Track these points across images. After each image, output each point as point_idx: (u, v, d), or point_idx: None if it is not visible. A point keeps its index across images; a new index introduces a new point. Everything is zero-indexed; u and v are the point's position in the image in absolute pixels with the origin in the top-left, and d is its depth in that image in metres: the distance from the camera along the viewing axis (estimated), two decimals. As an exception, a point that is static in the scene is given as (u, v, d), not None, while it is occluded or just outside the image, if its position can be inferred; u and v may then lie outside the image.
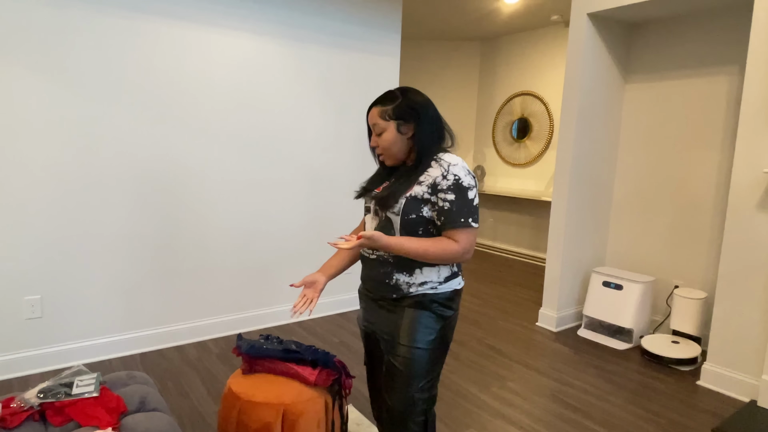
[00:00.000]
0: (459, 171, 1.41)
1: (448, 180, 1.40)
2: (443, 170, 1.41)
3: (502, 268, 5.40)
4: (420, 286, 1.46)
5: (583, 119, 3.44)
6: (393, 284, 1.48)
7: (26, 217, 2.55)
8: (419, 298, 1.46)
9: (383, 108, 1.47)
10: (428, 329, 1.46)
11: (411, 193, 1.42)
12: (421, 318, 1.46)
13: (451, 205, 1.39)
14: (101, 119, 2.70)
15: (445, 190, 1.39)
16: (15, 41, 2.42)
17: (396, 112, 1.46)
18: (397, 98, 1.47)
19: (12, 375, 2.60)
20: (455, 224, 1.39)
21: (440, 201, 1.40)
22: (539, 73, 5.60)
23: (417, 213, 1.43)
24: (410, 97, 1.47)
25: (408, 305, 1.47)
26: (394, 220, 1.45)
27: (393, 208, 1.44)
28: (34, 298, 2.61)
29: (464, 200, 1.40)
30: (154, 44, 2.81)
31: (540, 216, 5.69)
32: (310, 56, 3.40)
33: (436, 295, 1.47)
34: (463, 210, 1.40)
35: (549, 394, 2.66)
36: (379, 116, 1.47)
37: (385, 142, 1.48)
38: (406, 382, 1.46)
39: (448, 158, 1.43)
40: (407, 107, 1.46)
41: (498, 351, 3.18)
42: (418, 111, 1.46)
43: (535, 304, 4.16)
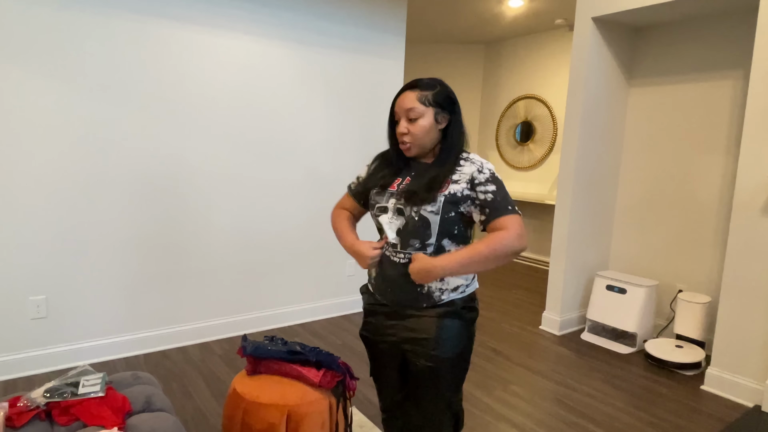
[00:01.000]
0: (491, 166, 1.40)
1: (484, 173, 1.36)
2: (478, 166, 1.38)
3: (504, 272, 5.40)
4: (453, 291, 1.41)
5: (587, 123, 3.44)
6: (425, 292, 1.40)
7: (32, 217, 2.56)
8: (449, 306, 1.41)
9: (423, 93, 1.39)
10: (460, 337, 1.42)
11: (450, 191, 1.36)
12: (453, 327, 1.41)
13: (495, 195, 1.35)
14: (107, 121, 2.71)
15: (485, 183, 1.35)
16: (24, 43, 2.44)
17: (436, 99, 1.39)
18: (436, 86, 1.41)
19: (17, 375, 2.61)
20: (504, 211, 1.34)
21: (481, 194, 1.35)
22: (543, 77, 5.60)
23: (456, 211, 1.37)
24: (447, 87, 1.44)
25: (438, 315, 1.40)
26: (433, 220, 1.36)
27: (429, 205, 1.36)
28: (39, 298, 2.62)
29: (504, 190, 1.37)
30: (160, 47, 2.82)
31: (543, 219, 5.68)
32: (314, 59, 3.42)
33: (463, 298, 1.43)
34: (507, 199, 1.36)
35: (552, 397, 2.65)
36: (418, 100, 1.38)
37: (420, 130, 1.39)
38: (439, 389, 1.43)
39: (476, 157, 1.42)
40: (446, 96, 1.41)
41: (501, 354, 3.18)
42: (455, 102, 1.43)
43: (538, 308, 4.15)
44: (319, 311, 3.70)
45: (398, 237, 1.41)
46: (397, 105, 1.42)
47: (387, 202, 1.44)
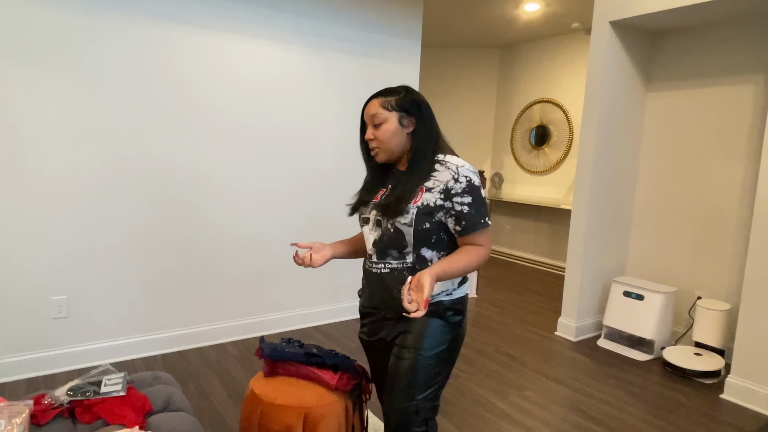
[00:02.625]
0: (468, 172, 1.37)
1: (460, 183, 1.35)
2: (453, 173, 1.36)
3: (519, 276, 5.37)
4: (438, 294, 1.43)
5: (604, 127, 3.41)
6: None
7: (54, 219, 2.62)
8: (433, 306, 1.42)
9: (386, 99, 1.42)
10: (438, 337, 1.42)
11: (423, 202, 1.37)
12: (433, 325, 1.42)
13: (470, 208, 1.35)
14: (126, 124, 2.76)
15: (461, 194, 1.35)
16: (46, 49, 2.50)
17: (399, 104, 1.41)
18: (400, 91, 1.44)
19: (39, 373, 2.66)
20: (476, 227, 1.36)
21: (457, 206, 1.36)
22: (559, 81, 5.58)
23: (430, 222, 1.38)
24: (413, 93, 1.45)
25: (426, 315, 1.43)
26: (406, 232, 1.39)
27: (402, 218, 1.38)
28: (60, 298, 2.67)
29: (480, 201, 1.37)
30: (179, 52, 2.87)
31: (558, 224, 5.64)
32: (330, 64, 3.44)
33: (449, 300, 1.44)
34: (480, 211, 1.37)
35: (568, 404, 2.63)
36: (381, 106, 1.42)
37: (385, 134, 1.42)
38: (409, 388, 1.41)
39: (454, 160, 1.39)
40: (411, 100, 1.42)
41: (516, 360, 3.16)
42: (420, 106, 1.43)
43: (553, 313, 4.12)
44: (334, 314, 3.72)
45: (374, 248, 1.47)
46: (365, 113, 1.47)
47: (369, 213, 1.49)
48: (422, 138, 1.42)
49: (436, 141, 1.44)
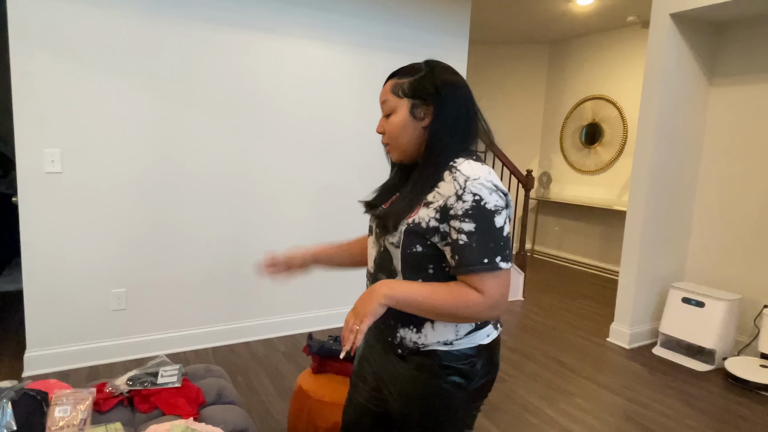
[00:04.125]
0: (480, 188, 0.99)
1: (464, 201, 0.98)
2: (458, 187, 1.00)
3: (567, 280, 5.20)
4: (430, 345, 1.08)
5: (663, 125, 3.25)
6: (397, 342, 1.11)
7: (116, 216, 2.74)
8: (426, 357, 1.08)
9: (398, 81, 1.10)
10: (442, 405, 1.08)
11: (415, 219, 1.04)
12: (431, 389, 1.07)
13: (470, 238, 0.98)
14: (183, 125, 2.86)
15: (461, 217, 0.98)
16: (107, 53, 2.62)
17: (413, 88, 1.08)
18: (419, 71, 1.09)
19: (100, 362, 2.80)
20: (475, 267, 0.97)
21: (453, 232, 1.00)
22: (612, 77, 5.37)
23: (423, 245, 1.04)
24: (437, 73, 1.08)
25: (414, 367, 1.09)
26: (394, 254, 1.08)
27: (391, 236, 1.08)
28: (120, 291, 2.80)
29: (489, 231, 0.98)
30: (233, 54, 2.94)
31: (611, 225, 5.44)
32: (378, 64, 3.44)
33: (448, 355, 1.07)
34: (487, 245, 0.97)
35: (622, 413, 2.53)
36: (391, 91, 1.10)
37: (393, 127, 1.10)
38: None
39: (467, 169, 1.02)
40: (429, 84, 1.07)
41: (566, 366, 3.07)
42: (441, 91, 1.06)
43: (605, 319, 3.97)
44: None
45: (373, 265, 1.16)
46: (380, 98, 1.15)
47: (373, 222, 1.18)
48: (436, 134, 1.06)
49: (461, 137, 1.08)
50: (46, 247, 2.60)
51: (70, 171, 2.60)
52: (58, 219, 2.61)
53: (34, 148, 2.52)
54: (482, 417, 2.43)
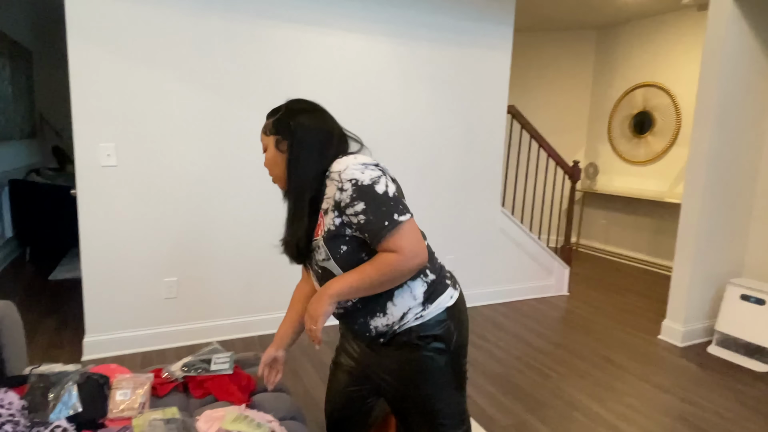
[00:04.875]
0: (352, 173, 1.13)
1: (346, 191, 1.13)
2: (337, 183, 1.14)
3: (614, 274, 5.04)
4: (401, 320, 1.22)
5: (721, 112, 3.08)
6: (374, 335, 1.25)
7: (166, 207, 2.83)
8: (405, 336, 1.22)
9: (267, 122, 1.27)
10: (433, 372, 1.22)
11: (324, 229, 1.18)
12: (419, 361, 1.22)
13: (366, 214, 1.11)
14: (230, 118, 2.92)
15: (350, 203, 1.12)
16: (160, 48, 2.70)
17: (275, 126, 1.24)
18: (279, 111, 1.26)
19: (152, 348, 2.91)
20: (383, 234, 1.11)
21: (353, 218, 1.13)
22: (665, 63, 5.13)
23: (345, 242, 1.17)
24: (291, 107, 1.25)
25: (396, 347, 1.24)
26: (331, 267, 1.21)
27: (317, 254, 1.22)
28: (171, 280, 2.90)
29: (376, 200, 1.11)
30: (277, 48, 2.98)
31: (661, 218, 5.22)
32: (420, 54, 3.41)
33: (423, 326, 1.21)
34: (380, 211, 1.11)
35: (675, 414, 2.43)
36: (263, 131, 1.27)
37: (267, 161, 1.26)
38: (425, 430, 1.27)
39: (337, 167, 1.17)
40: (284, 118, 1.23)
41: (614, 363, 2.98)
42: (291, 123, 1.22)
43: (655, 315, 3.83)
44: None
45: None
46: None
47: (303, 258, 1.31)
48: (291, 160, 1.21)
49: (320, 158, 1.21)
50: (103, 237, 2.72)
51: (124, 164, 2.71)
52: (114, 211, 2.72)
53: (91, 143, 2.63)
54: (529, 414, 2.39)
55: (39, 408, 1.37)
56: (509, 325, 3.54)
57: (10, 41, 4.84)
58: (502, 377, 2.75)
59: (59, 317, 3.31)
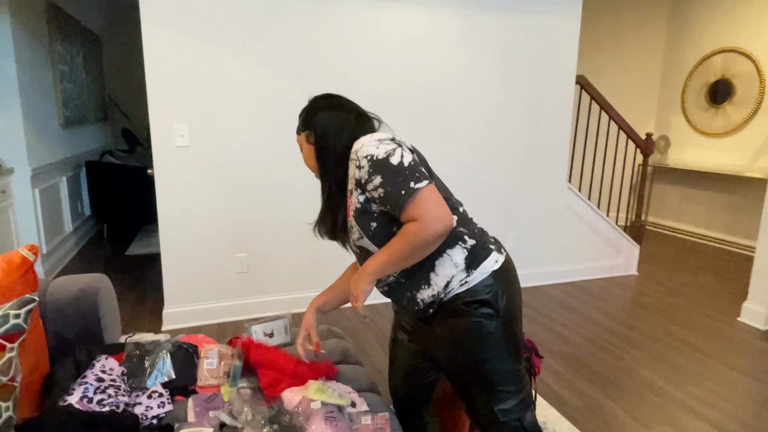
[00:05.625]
0: (367, 149, 1.17)
1: (363, 167, 1.17)
2: (355, 162, 1.20)
3: (688, 253, 4.78)
4: (446, 288, 1.23)
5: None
6: (422, 307, 1.27)
7: (236, 185, 2.92)
8: (452, 304, 1.23)
9: (298, 124, 1.36)
10: (484, 337, 1.22)
11: (354, 208, 1.23)
12: (468, 327, 1.22)
13: (384, 186, 1.14)
14: (296, 100, 2.95)
15: (369, 178, 1.16)
16: (228, 32, 2.75)
17: (303, 122, 1.34)
18: (303, 110, 1.36)
19: (226, 319, 3.05)
20: (401, 203, 1.13)
21: (374, 193, 1.17)
22: (748, 26, 4.71)
23: (373, 219, 1.21)
24: (313, 102, 1.34)
25: (445, 316, 1.25)
26: (367, 245, 1.25)
27: (352, 235, 1.28)
28: (242, 255, 3.00)
29: (391, 171, 1.14)
30: (340, 28, 2.96)
31: (740, 195, 4.88)
32: (487, 24, 3.29)
33: (469, 291, 1.21)
34: (397, 182, 1.13)
35: (760, 399, 2.30)
36: (297, 132, 1.37)
37: (306, 160, 1.36)
38: (487, 401, 1.27)
39: (355, 146, 1.22)
40: (307, 114, 1.33)
41: (692, 346, 2.84)
42: (313, 114, 1.31)
43: (733, 296, 3.61)
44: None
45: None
46: None
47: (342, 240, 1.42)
48: (319, 147, 1.29)
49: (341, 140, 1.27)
50: (178, 215, 2.84)
51: (196, 145, 2.80)
52: (188, 189, 2.83)
53: (166, 124, 2.73)
54: (601, 395, 2.33)
55: (137, 374, 1.46)
56: (577, 305, 3.44)
57: (83, 29, 5.09)
58: (573, 358, 2.69)
59: (139, 290, 3.52)
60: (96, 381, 1.37)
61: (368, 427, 1.36)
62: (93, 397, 1.32)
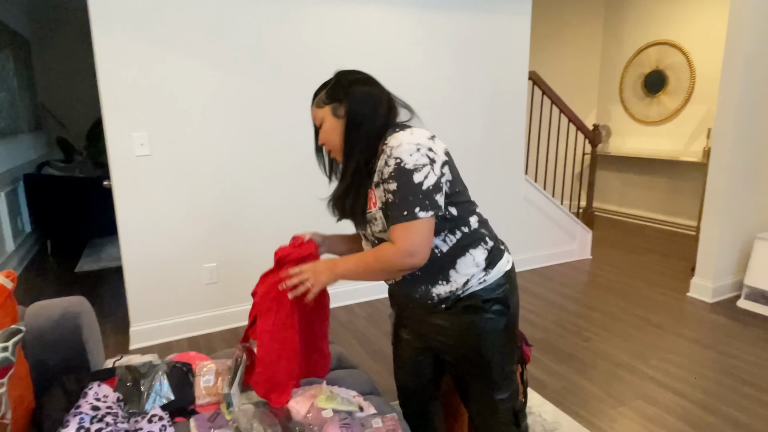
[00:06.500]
0: (402, 152, 1.13)
1: (389, 166, 1.14)
2: (386, 156, 1.16)
3: (633, 236, 5.09)
4: (465, 285, 1.25)
5: (749, 68, 3.06)
6: (436, 301, 1.27)
7: (202, 193, 2.82)
8: (468, 300, 1.25)
9: (318, 96, 1.29)
10: (494, 332, 1.27)
11: (381, 201, 1.19)
12: (481, 323, 1.25)
13: (394, 196, 1.13)
14: (260, 99, 2.89)
15: (387, 180, 1.15)
16: (185, 33, 2.65)
17: (329, 95, 1.26)
18: (330, 82, 1.29)
19: (198, 333, 2.95)
20: (396, 220, 1.13)
21: (386, 193, 1.16)
22: (679, 20, 5.05)
23: None
24: (343, 76, 1.28)
25: (459, 311, 1.26)
26: (387, 238, 1.22)
27: (374, 226, 1.23)
28: (211, 265, 2.91)
29: (408, 187, 1.12)
30: (303, 27, 2.92)
31: (677, 178, 5.24)
32: (440, 23, 3.34)
33: (486, 289, 1.25)
34: (406, 200, 1.12)
35: (718, 367, 2.50)
36: (316, 106, 1.29)
37: (327, 133, 1.27)
38: (486, 392, 1.33)
39: (392, 140, 1.17)
40: (338, 85, 1.26)
41: (650, 322, 3.04)
42: (347, 88, 1.25)
43: (680, 273, 3.89)
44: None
45: None
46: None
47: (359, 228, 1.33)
48: (350, 123, 1.23)
49: (377, 118, 1.23)
50: (141, 227, 2.72)
51: (158, 153, 2.69)
52: (150, 200, 2.71)
53: (124, 133, 2.60)
54: (577, 375, 2.45)
55: (133, 399, 1.40)
56: (540, 291, 3.59)
57: (10, 32, 4.73)
58: (546, 342, 2.81)
59: (96, 309, 3.34)
60: (91, 410, 1.30)
61: (380, 430, 1.37)
62: (90, 427, 1.26)
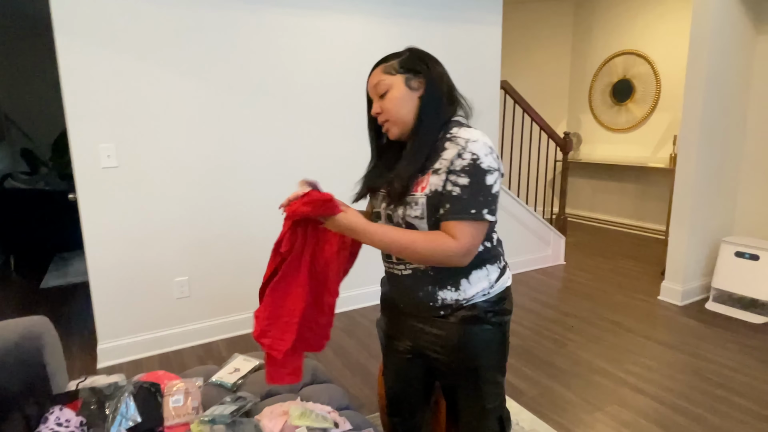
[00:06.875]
0: (479, 149, 1.11)
1: (464, 159, 1.11)
2: (460, 148, 1.12)
3: (605, 241, 5.19)
4: (471, 296, 1.23)
5: (712, 77, 3.17)
6: (439, 305, 1.24)
7: (172, 205, 2.76)
8: (470, 310, 1.23)
9: (388, 63, 1.22)
10: (490, 343, 1.26)
11: (431, 188, 1.14)
12: (479, 334, 1.24)
13: (463, 191, 1.10)
14: (231, 109, 2.84)
15: (458, 172, 1.11)
16: (151, 42, 2.59)
17: (404, 65, 1.21)
18: (404, 52, 1.25)
19: (169, 349, 2.87)
20: (462, 214, 1.10)
21: (449, 184, 1.12)
22: (644, 31, 5.20)
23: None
24: (418, 51, 1.25)
25: (458, 321, 1.23)
26: (419, 227, 1.17)
27: (411, 209, 1.16)
28: (182, 279, 2.84)
29: (480, 186, 1.11)
30: (274, 35, 2.89)
31: (646, 183, 5.37)
32: (412, 33, 3.36)
33: (488, 302, 1.24)
34: (477, 198, 1.10)
35: (689, 370, 2.55)
36: (384, 72, 1.21)
37: (392, 102, 1.19)
38: (477, 401, 1.31)
39: (466, 134, 1.15)
40: (416, 58, 1.22)
41: (623, 326, 3.08)
42: (427, 62, 1.22)
43: (650, 277, 3.97)
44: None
45: None
46: (368, 87, 1.26)
47: (380, 207, 1.26)
48: (430, 101, 1.20)
49: (448, 104, 1.23)
50: (108, 241, 2.63)
51: (125, 164, 2.62)
52: (118, 213, 2.63)
53: (90, 144, 2.53)
54: (553, 382, 2.46)
55: (97, 422, 1.34)
56: (516, 297, 3.61)
57: (-30, 40, 4.57)
58: (522, 349, 2.82)
59: (62, 327, 3.22)
60: (52, 436, 1.24)
61: (356, 446, 1.34)
62: (51, 454, 1.20)
